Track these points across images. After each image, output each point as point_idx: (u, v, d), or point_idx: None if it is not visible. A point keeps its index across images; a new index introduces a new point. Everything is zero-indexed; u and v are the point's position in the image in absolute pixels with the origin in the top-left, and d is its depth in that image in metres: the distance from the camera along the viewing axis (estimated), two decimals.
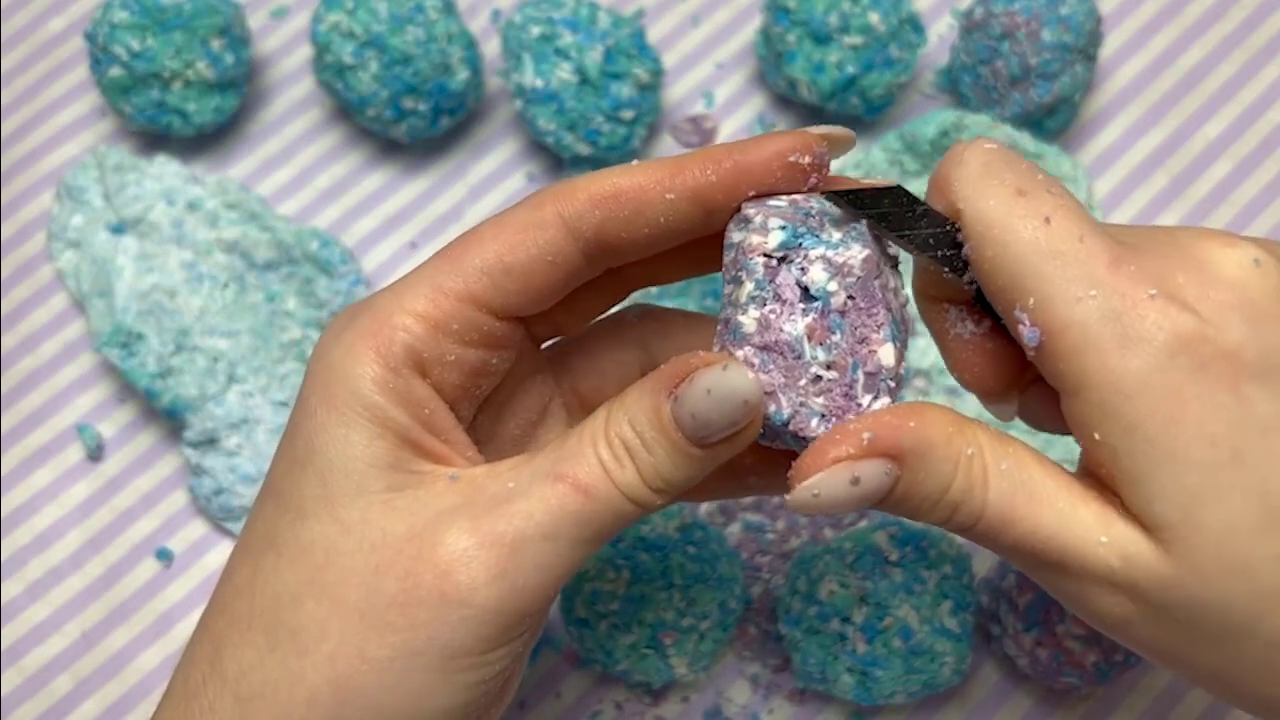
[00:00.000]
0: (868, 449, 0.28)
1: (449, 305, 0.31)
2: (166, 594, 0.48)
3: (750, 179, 0.30)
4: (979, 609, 0.45)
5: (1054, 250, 0.29)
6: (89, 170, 0.52)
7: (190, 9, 0.50)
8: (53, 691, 0.46)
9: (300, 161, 0.54)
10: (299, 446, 0.31)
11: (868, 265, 0.29)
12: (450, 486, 0.30)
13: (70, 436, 0.50)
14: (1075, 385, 0.29)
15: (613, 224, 0.31)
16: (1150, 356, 0.28)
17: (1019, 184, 0.29)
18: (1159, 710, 0.45)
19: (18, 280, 0.52)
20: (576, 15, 0.50)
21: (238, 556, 0.32)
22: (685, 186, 0.30)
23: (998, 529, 0.29)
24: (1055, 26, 0.49)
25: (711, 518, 0.48)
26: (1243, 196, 0.53)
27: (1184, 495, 0.28)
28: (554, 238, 0.31)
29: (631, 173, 0.31)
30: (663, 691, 0.46)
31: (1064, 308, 0.28)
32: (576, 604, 0.43)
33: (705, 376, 0.28)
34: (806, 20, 0.50)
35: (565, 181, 0.32)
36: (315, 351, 0.32)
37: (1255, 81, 0.55)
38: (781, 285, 0.29)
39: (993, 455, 0.29)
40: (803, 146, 0.30)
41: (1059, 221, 0.29)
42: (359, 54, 0.50)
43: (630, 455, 0.29)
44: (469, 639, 0.29)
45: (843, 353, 0.29)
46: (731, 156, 0.30)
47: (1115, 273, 0.28)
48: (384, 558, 0.29)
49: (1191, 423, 0.28)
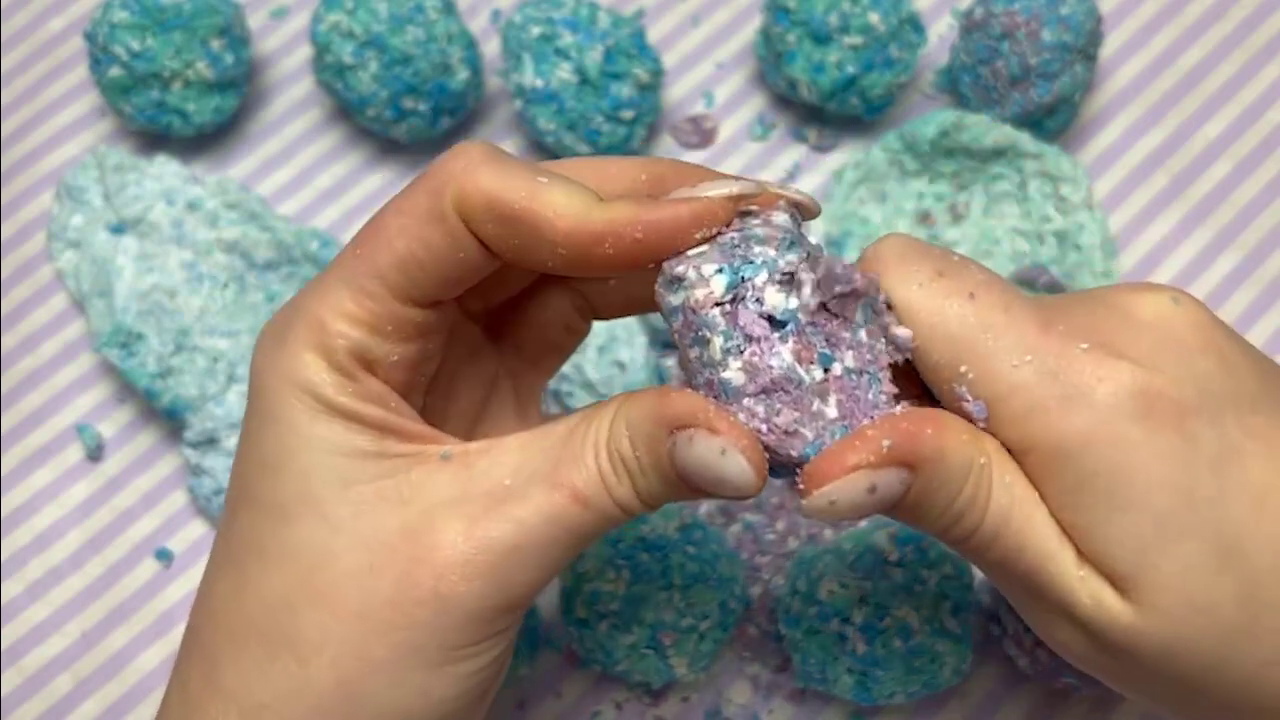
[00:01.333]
0: (886, 457, 0.28)
1: (375, 306, 0.30)
2: (166, 594, 0.48)
3: (651, 254, 0.29)
4: (979, 609, 0.45)
5: (983, 324, 0.29)
6: (89, 170, 0.52)
7: (190, 9, 0.50)
8: (53, 691, 0.46)
9: (300, 161, 0.54)
10: (269, 451, 0.30)
11: (813, 265, 0.29)
12: (443, 468, 0.30)
13: (70, 436, 0.50)
14: (1025, 449, 0.29)
15: (503, 242, 0.29)
16: (1094, 409, 0.28)
17: (937, 266, 0.29)
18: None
19: (18, 280, 0.52)
20: (576, 15, 0.50)
21: (218, 568, 0.31)
22: (578, 250, 0.29)
23: (990, 543, 0.29)
24: (1055, 26, 0.49)
25: (711, 518, 0.48)
26: (1243, 196, 0.53)
27: (1138, 544, 0.28)
28: (457, 232, 0.29)
29: (535, 197, 0.28)
30: (663, 691, 0.46)
31: (1002, 376, 0.28)
32: (576, 604, 0.43)
33: (704, 448, 0.28)
34: (806, 20, 0.50)
35: (467, 164, 0.29)
36: (259, 360, 0.31)
37: (1255, 81, 0.55)
38: (748, 325, 0.28)
39: (998, 468, 0.29)
40: (709, 218, 0.29)
41: (983, 296, 0.29)
42: (359, 54, 0.50)
43: (628, 473, 0.29)
44: (466, 633, 0.30)
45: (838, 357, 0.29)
46: (634, 234, 0.28)
47: (1046, 335, 0.29)
48: (379, 557, 0.29)
49: (1140, 470, 0.28)
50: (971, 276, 0.29)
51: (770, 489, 0.48)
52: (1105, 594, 0.28)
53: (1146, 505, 0.28)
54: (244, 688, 0.30)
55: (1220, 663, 0.28)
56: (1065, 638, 0.30)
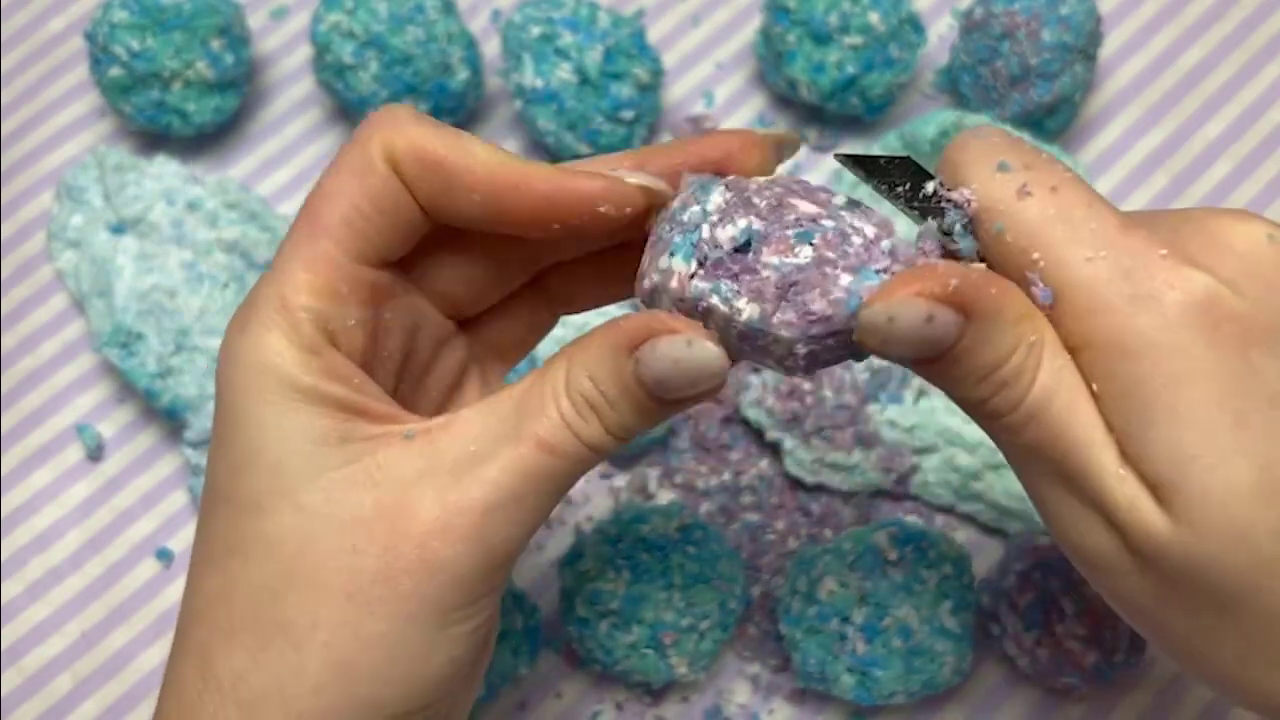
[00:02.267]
0: (950, 294, 0.27)
1: (329, 270, 0.30)
2: (166, 594, 0.48)
3: (558, 215, 0.30)
4: (979, 609, 0.45)
5: (1063, 215, 0.29)
6: (89, 170, 0.52)
7: (190, 9, 0.50)
8: (53, 691, 0.46)
9: (300, 161, 0.54)
10: (237, 450, 0.30)
11: (734, 188, 0.30)
12: (408, 446, 0.30)
13: (70, 436, 0.50)
14: (1083, 344, 0.29)
15: (424, 186, 0.31)
16: (1160, 314, 0.28)
17: (1024, 160, 0.30)
18: (1159, 710, 0.45)
19: (18, 280, 0.52)
20: (576, 15, 0.50)
21: (199, 567, 0.31)
22: (492, 195, 0.30)
23: (1026, 423, 0.29)
24: (1055, 26, 0.49)
25: (711, 518, 0.48)
26: (1243, 196, 0.53)
27: (1183, 454, 0.27)
28: (389, 176, 0.31)
29: (454, 142, 0.31)
30: (663, 691, 0.46)
31: (1074, 268, 0.28)
32: (576, 604, 0.43)
33: (669, 346, 0.28)
34: (806, 20, 0.50)
35: (392, 116, 0.31)
36: (222, 359, 0.31)
37: (1255, 81, 0.55)
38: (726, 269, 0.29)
39: (1050, 352, 0.29)
40: (617, 198, 0.31)
41: (1065, 191, 0.29)
42: (359, 54, 0.50)
43: (594, 410, 0.30)
44: (455, 595, 0.30)
45: (815, 229, 0.29)
46: (544, 189, 0.30)
47: (1125, 234, 0.29)
48: (359, 536, 0.29)
49: (1197, 382, 0.27)
50: (1057, 172, 0.30)
51: (770, 489, 0.48)
52: (1142, 499, 0.28)
53: (1197, 419, 0.27)
54: (240, 680, 0.30)
55: (1247, 591, 0.28)
56: (1092, 541, 0.29)
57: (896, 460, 0.48)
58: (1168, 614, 0.29)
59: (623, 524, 0.43)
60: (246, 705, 0.30)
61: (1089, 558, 0.30)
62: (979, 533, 0.48)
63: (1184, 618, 0.29)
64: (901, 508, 0.48)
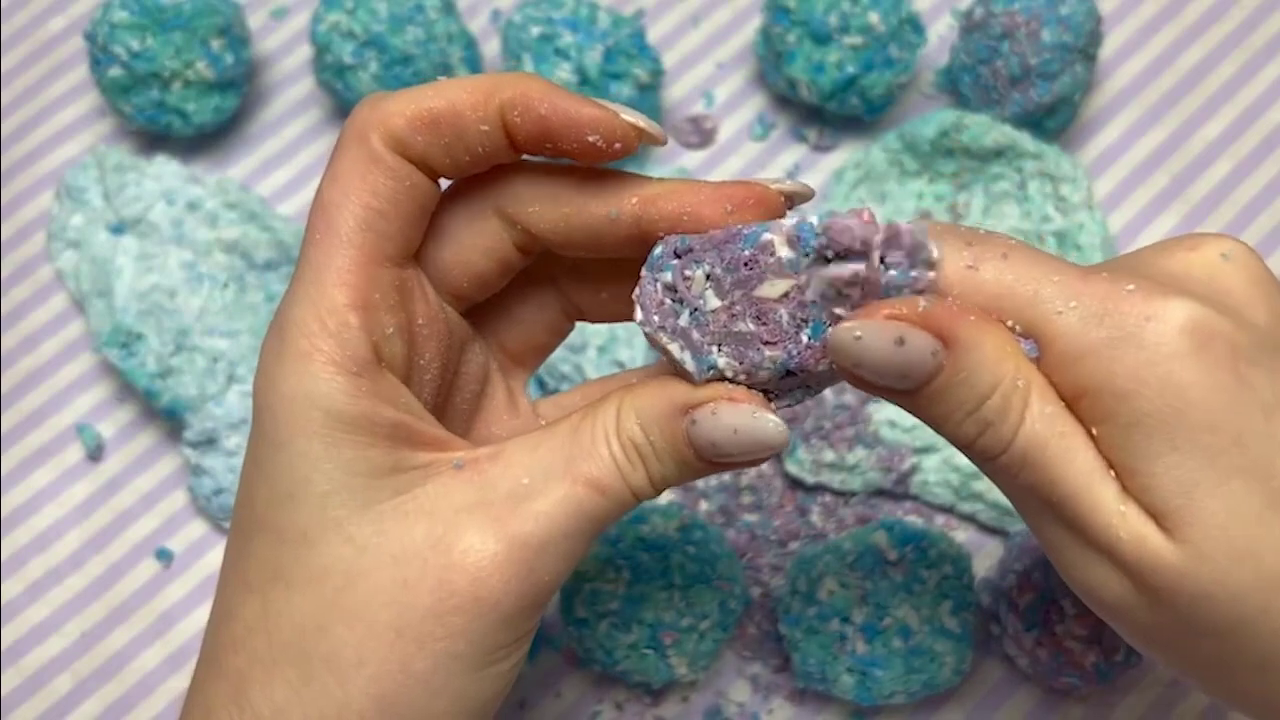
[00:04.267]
0: (921, 317, 0.27)
1: (359, 279, 0.30)
2: (166, 594, 0.48)
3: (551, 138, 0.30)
4: (979, 609, 0.45)
5: (1020, 278, 0.29)
6: (89, 170, 0.52)
7: (190, 9, 0.50)
8: (53, 691, 0.46)
9: (300, 161, 0.54)
10: (283, 480, 0.30)
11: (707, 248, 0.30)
12: (458, 476, 0.30)
13: (70, 436, 0.50)
14: (1076, 391, 0.29)
15: (434, 150, 0.31)
16: (1141, 349, 0.28)
17: (965, 238, 0.30)
18: (1159, 710, 0.45)
19: (18, 280, 0.52)
20: (576, 15, 0.50)
21: (236, 594, 0.31)
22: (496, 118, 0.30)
23: (1020, 467, 0.29)
24: (1055, 26, 0.49)
25: (711, 518, 0.48)
26: (1243, 196, 0.53)
27: (1185, 482, 0.27)
28: (395, 166, 0.30)
29: (443, 92, 0.30)
30: (663, 691, 0.46)
31: (1047, 325, 0.28)
32: (576, 604, 0.43)
33: (733, 415, 0.29)
34: (806, 20, 0.50)
35: (376, 105, 0.31)
36: (261, 385, 0.30)
37: (1255, 81, 0.55)
38: (673, 326, 0.30)
39: (1039, 396, 0.29)
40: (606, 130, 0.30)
41: (1015, 256, 0.29)
42: (359, 54, 0.50)
43: (641, 458, 0.30)
44: (501, 635, 0.30)
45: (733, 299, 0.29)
46: (540, 109, 0.30)
47: (1087, 281, 0.28)
48: (411, 571, 0.29)
49: (1190, 410, 0.27)
50: (1001, 241, 0.30)
51: (770, 489, 0.48)
52: (1148, 531, 0.28)
53: (1195, 444, 0.27)
54: (279, 713, 0.29)
55: (1261, 611, 0.28)
56: (1100, 579, 0.29)
57: (896, 460, 0.48)
58: (1180, 645, 0.29)
59: (622, 524, 0.43)
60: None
61: (1097, 596, 0.30)
62: (979, 533, 0.48)
63: (1197, 644, 0.29)
64: (901, 508, 0.48)
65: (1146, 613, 0.29)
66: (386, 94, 0.31)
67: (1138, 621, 0.30)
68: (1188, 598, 0.28)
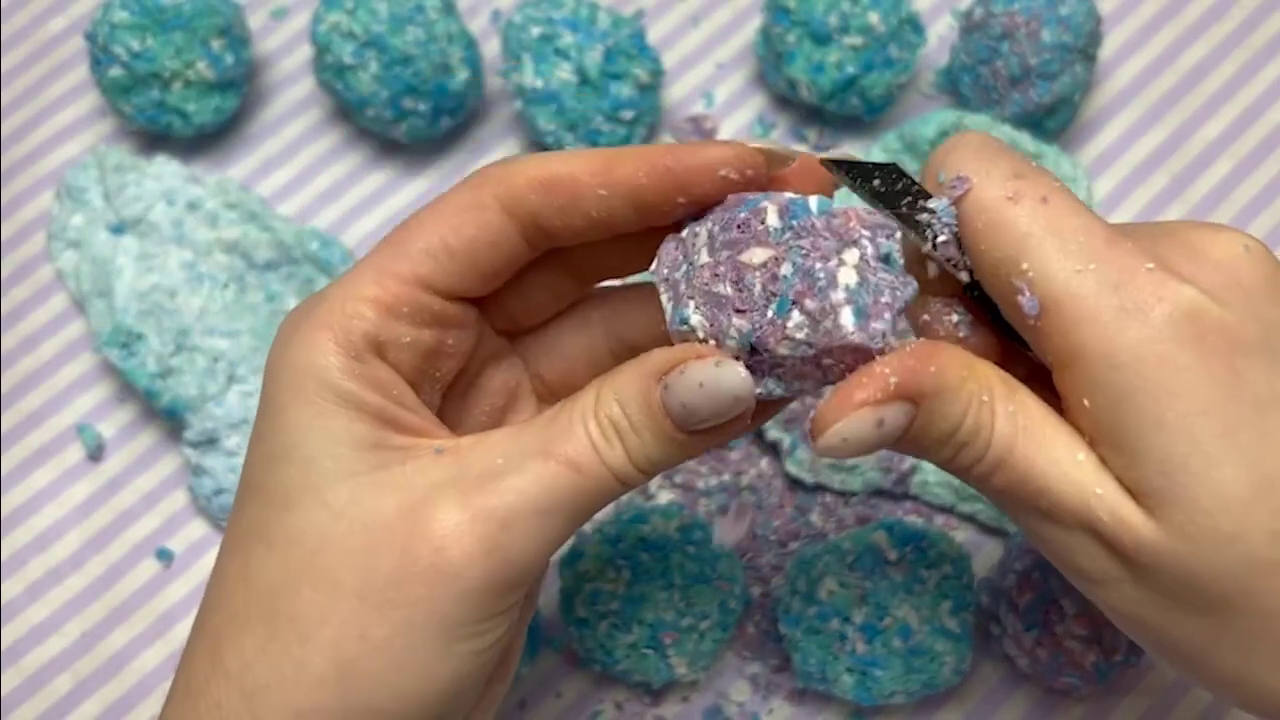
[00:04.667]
0: (893, 392, 0.28)
1: (396, 289, 0.31)
2: (166, 594, 0.48)
3: (681, 186, 0.31)
4: (979, 609, 0.45)
5: (1052, 227, 0.29)
6: (89, 170, 0.52)
7: (190, 9, 0.50)
8: (53, 691, 0.46)
9: (300, 161, 0.54)
10: (275, 443, 0.31)
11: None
12: (437, 460, 0.31)
13: (70, 436, 0.50)
14: (1070, 357, 0.29)
15: (549, 210, 0.31)
16: (1148, 326, 0.28)
17: (1015, 168, 0.30)
18: (1159, 710, 0.45)
19: (18, 280, 0.52)
20: (576, 15, 0.50)
21: (225, 553, 0.32)
22: (618, 184, 0.31)
23: (993, 471, 0.30)
24: (1055, 26, 0.49)
25: (711, 518, 0.48)
26: (1243, 196, 0.53)
27: (1172, 463, 0.28)
28: (492, 219, 0.31)
29: (568, 161, 0.31)
30: (663, 691, 0.46)
31: (1061, 280, 0.29)
32: (576, 604, 0.43)
33: (698, 370, 0.29)
34: (806, 20, 0.50)
35: (505, 163, 0.32)
36: (273, 351, 0.32)
37: (1255, 81, 0.55)
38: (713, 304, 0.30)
39: (1001, 399, 0.30)
40: (736, 161, 0.30)
41: (1055, 201, 0.29)
42: (359, 54, 0.50)
43: (619, 436, 0.30)
44: (465, 610, 0.30)
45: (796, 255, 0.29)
46: (665, 161, 0.30)
47: (1113, 248, 0.29)
48: (378, 537, 0.30)
49: (1185, 392, 0.28)
50: (1047, 183, 0.30)
51: (770, 489, 0.48)
52: (1127, 509, 0.28)
53: (1185, 429, 0.28)
54: (246, 668, 0.30)
55: (1242, 593, 0.28)
56: (1085, 559, 0.30)
57: (896, 460, 0.48)
58: (1164, 622, 0.30)
59: (622, 524, 0.43)
60: (249, 694, 0.30)
61: (1084, 574, 0.30)
62: (979, 533, 0.48)
63: (1180, 624, 0.29)
64: (901, 508, 0.48)
65: (1130, 588, 0.29)
66: (520, 156, 0.32)
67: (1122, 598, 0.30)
68: (1169, 574, 0.28)
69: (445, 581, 0.29)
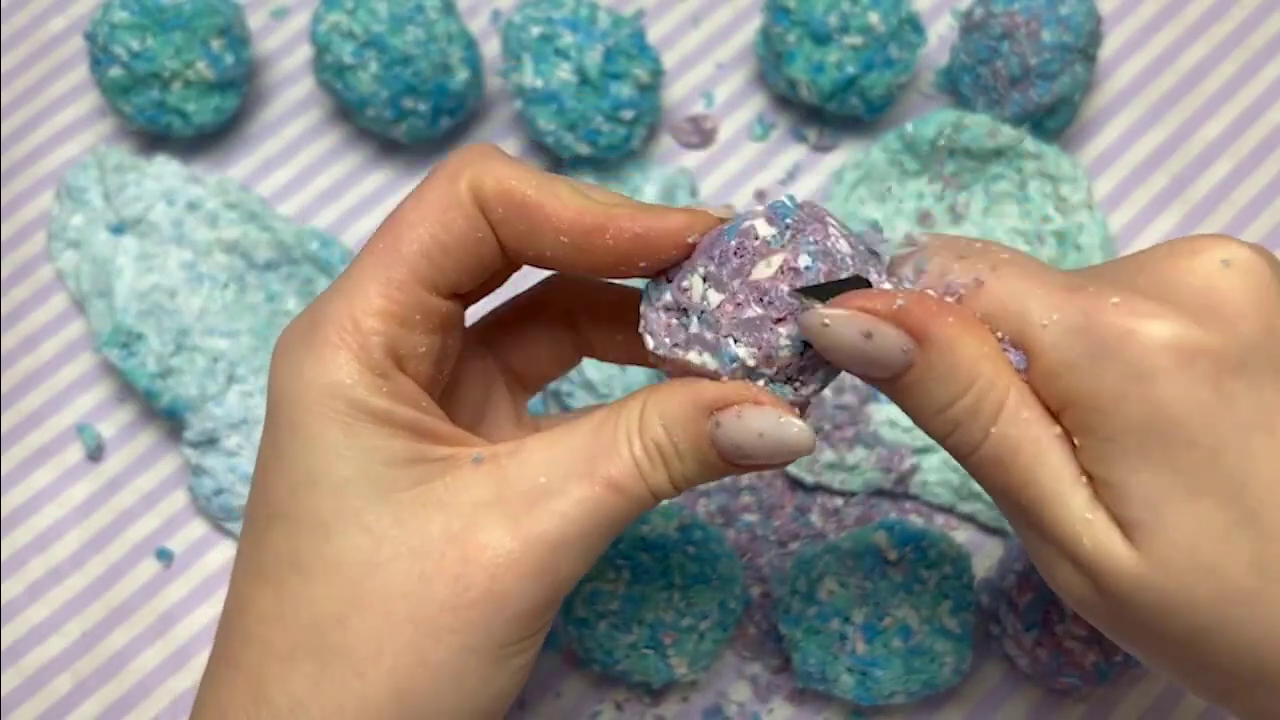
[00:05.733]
0: (894, 314, 0.28)
1: (403, 297, 0.30)
2: (166, 594, 0.48)
3: (645, 253, 0.30)
4: (979, 609, 0.45)
5: (1007, 291, 0.29)
6: (89, 170, 0.52)
7: (190, 9, 0.50)
8: (53, 691, 0.46)
9: (300, 161, 0.54)
10: (301, 468, 0.30)
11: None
12: (478, 471, 0.30)
13: (70, 436, 0.50)
14: (1061, 403, 0.29)
15: (506, 230, 0.31)
16: (1122, 364, 0.28)
17: (958, 250, 0.30)
18: (1159, 710, 0.45)
19: (18, 280, 0.52)
20: (576, 15, 0.50)
21: (251, 584, 0.31)
22: (583, 238, 0.30)
23: (993, 468, 0.30)
24: (1055, 26, 0.49)
25: (711, 518, 0.48)
26: (1243, 196, 0.53)
27: (1154, 496, 0.28)
28: (474, 214, 0.31)
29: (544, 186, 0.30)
30: (663, 691, 0.46)
31: (1032, 338, 0.29)
32: (576, 604, 0.43)
33: (758, 419, 0.29)
34: (806, 20, 0.50)
35: (482, 154, 0.31)
36: (282, 372, 0.31)
37: (1255, 81, 0.55)
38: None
39: (1016, 400, 0.29)
40: (701, 227, 0.31)
41: (1005, 268, 0.30)
42: (359, 54, 0.50)
43: (664, 460, 0.30)
44: (515, 630, 0.30)
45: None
46: (634, 229, 0.30)
47: (1073, 294, 0.29)
48: (429, 564, 0.29)
49: (1168, 426, 0.27)
50: (994, 254, 0.30)
51: (770, 489, 0.48)
52: (1112, 540, 0.28)
53: (1169, 460, 0.28)
54: (298, 704, 0.29)
55: (1220, 624, 0.28)
56: (1065, 578, 0.30)
57: (896, 460, 0.48)
58: (1148, 646, 0.30)
59: None
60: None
61: (1069, 593, 0.30)
62: (979, 533, 0.48)
63: (1164, 650, 0.30)
64: (901, 508, 0.48)
65: (1113, 614, 0.30)
66: (495, 149, 0.31)
67: (1105, 621, 0.30)
68: (1144, 606, 0.28)
69: (499, 606, 0.30)
